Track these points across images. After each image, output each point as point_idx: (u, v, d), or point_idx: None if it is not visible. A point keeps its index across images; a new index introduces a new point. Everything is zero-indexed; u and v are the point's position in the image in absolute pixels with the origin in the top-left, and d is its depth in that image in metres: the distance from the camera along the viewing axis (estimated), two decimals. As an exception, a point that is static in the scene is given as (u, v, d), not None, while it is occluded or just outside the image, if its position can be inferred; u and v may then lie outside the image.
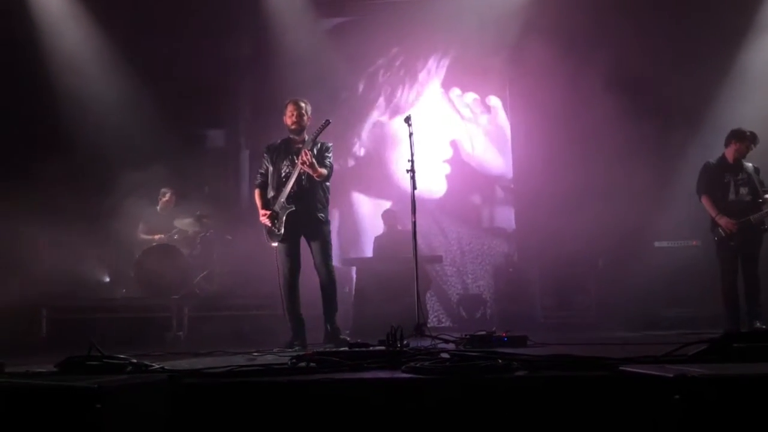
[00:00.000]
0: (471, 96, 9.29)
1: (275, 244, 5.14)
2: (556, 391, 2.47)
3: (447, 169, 9.13)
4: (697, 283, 6.74)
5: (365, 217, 9.07)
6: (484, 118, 9.29)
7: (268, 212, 5.08)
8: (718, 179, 6.03)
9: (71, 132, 7.83)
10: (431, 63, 9.34)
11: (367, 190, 9.18)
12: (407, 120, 5.18)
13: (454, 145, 9.22)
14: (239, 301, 7.37)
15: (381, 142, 9.22)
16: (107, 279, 8.05)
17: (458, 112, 9.32)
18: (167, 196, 7.92)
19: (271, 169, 5.21)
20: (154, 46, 8.17)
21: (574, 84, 7.78)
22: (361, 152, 9.32)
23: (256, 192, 5.29)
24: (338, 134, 7.94)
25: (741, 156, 6.03)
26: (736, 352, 2.59)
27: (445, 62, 9.33)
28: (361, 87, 9.39)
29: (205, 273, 7.73)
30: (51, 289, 6.96)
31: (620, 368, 2.47)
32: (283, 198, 5.04)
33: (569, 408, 2.43)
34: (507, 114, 9.21)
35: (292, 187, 5.01)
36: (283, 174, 5.11)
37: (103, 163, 7.89)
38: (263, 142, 9.11)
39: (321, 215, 5.10)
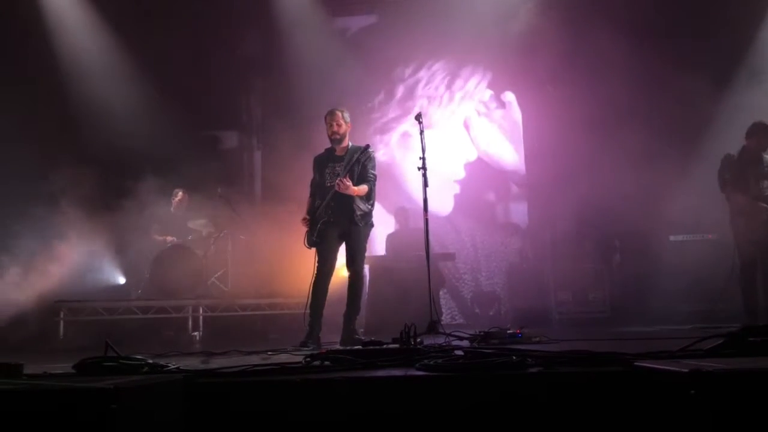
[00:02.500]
0: (487, 92, 9.28)
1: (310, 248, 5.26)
2: (571, 387, 2.46)
3: (456, 189, 9.15)
4: (713, 277, 6.67)
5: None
6: (498, 114, 9.26)
7: (307, 218, 5.21)
8: (740, 172, 5.96)
9: (84, 135, 7.89)
10: (470, 84, 9.31)
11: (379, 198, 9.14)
12: (418, 118, 5.18)
13: (467, 167, 9.21)
14: (254, 300, 7.41)
15: (404, 152, 9.17)
16: (123, 281, 8.12)
17: (474, 109, 9.32)
18: (179, 195, 7.96)
19: (318, 178, 5.30)
20: (165, 47, 8.21)
21: (588, 76, 7.73)
22: (383, 158, 9.28)
23: (309, 201, 5.39)
24: (367, 137, 7.98)
25: (762, 149, 5.97)
26: (753, 347, 2.56)
27: (483, 85, 9.31)
28: (399, 93, 9.35)
29: (219, 273, 7.78)
30: (68, 291, 7.03)
31: (635, 363, 2.45)
32: (321, 208, 5.14)
33: (584, 404, 2.42)
34: (520, 108, 9.18)
35: (331, 199, 5.08)
36: (327, 182, 5.19)
37: (115, 166, 7.95)
38: (276, 141, 9.27)
39: (359, 221, 5.13)
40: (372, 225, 5.28)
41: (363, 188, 5.09)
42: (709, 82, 7.40)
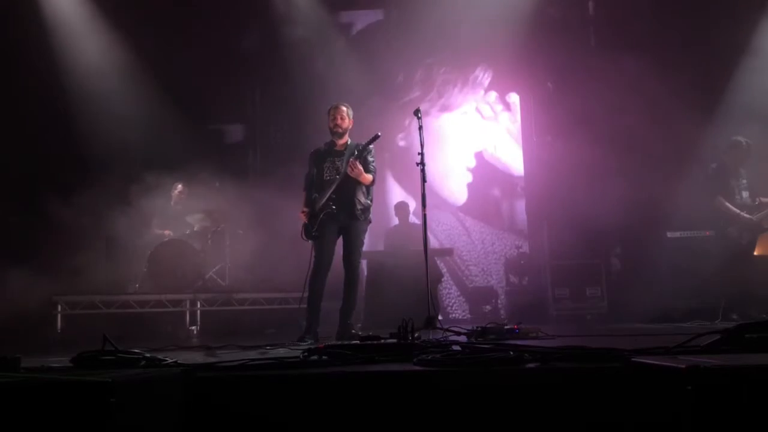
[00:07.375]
0: (492, 95, 9.28)
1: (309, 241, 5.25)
2: (568, 382, 2.46)
3: (469, 177, 9.16)
4: (710, 274, 6.68)
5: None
6: (505, 116, 9.27)
7: (306, 210, 5.21)
8: (726, 184, 6.43)
9: (85, 130, 7.89)
10: (478, 71, 9.34)
11: (400, 181, 9.19)
12: (417, 113, 5.16)
13: (478, 156, 9.24)
14: (251, 295, 7.41)
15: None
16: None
17: (479, 111, 9.32)
18: (179, 188, 7.98)
19: (315, 171, 5.31)
20: (168, 41, 8.19)
21: (585, 78, 7.73)
22: (402, 143, 9.28)
23: (304, 194, 5.39)
24: (385, 121, 7.99)
25: (740, 163, 6.45)
26: (749, 343, 2.57)
27: (489, 74, 9.33)
28: (417, 77, 9.39)
29: (217, 267, 7.78)
30: (65, 285, 7.02)
31: (632, 359, 2.45)
32: (324, 199, 5.13)
33: (581, 400, 2.42)
34: (520, 106, 9.19)
35: (334, 191, 5.09)
36: (326, 176, 5.21)
37: (117, 160, 7.94)
38: (274, 137, 9.29)
39: (359, 215, 5.17)
40: (370, 221, 5.30)
41: (369, 176, 5.14)
42: (710, 82, 7.41)
